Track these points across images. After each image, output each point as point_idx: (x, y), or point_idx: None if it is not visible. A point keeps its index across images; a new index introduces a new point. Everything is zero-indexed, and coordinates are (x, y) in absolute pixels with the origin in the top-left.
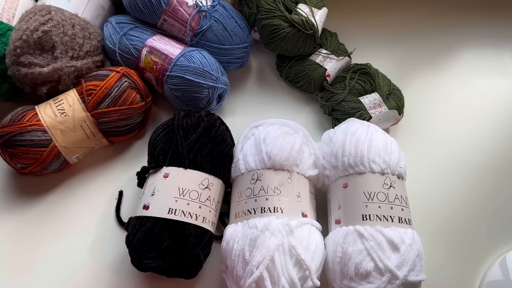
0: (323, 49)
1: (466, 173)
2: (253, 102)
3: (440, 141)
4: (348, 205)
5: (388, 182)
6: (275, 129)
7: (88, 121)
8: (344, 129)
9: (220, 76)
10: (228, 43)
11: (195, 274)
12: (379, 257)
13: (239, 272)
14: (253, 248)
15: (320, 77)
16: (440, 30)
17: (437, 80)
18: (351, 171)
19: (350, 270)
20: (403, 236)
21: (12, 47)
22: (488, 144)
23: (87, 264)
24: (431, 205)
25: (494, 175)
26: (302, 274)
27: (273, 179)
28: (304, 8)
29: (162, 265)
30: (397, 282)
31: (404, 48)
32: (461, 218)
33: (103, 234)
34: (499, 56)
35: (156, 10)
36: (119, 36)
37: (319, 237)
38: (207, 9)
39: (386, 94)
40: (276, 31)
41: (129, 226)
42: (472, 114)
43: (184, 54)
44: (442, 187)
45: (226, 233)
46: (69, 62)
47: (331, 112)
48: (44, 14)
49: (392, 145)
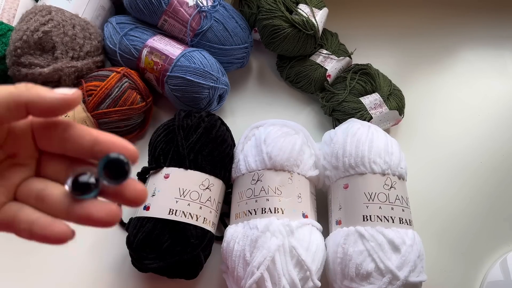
0: (323, 49)
1: (466, 173)
2: (254, 102)
3: (441, 141)
4: (349, 205)
5: (389, 182)
6: (275, 130)
7: (89, 121)
8: (345, 129)
9: (221, 77)
10: (229, 44)
11: (195, 274)
12: (379, 257)
13: (239, 272)
14: (254, 248)
15: (321, 77)
16: (441, 30)
17: (438, 80)
18: (352, 171)
19: (350, 270)
20: (404, 236)
21: (13, 48)
22: (489, 144)
23: (88, 265)
24: (431, 205)
25: (495, 175)
26: (302, 275)
27: (274, 180)
28: (305, 8)
29: (163, 265)
30: (398, 283)
31: (404, 48)
32: (461, 218)
33: (103, 234)
34: (499, 56)
35: (156, 11)
36: (119, 36)
37: (320, 238)
38: (208, 10)
39: (387, 94)
40: (277, 31)
41: (129, 227)
42: (472, 114)
43: (185, 54)
44: (443, 187)
45: (226, 233)
46: (69, 63)
47: (332, 112)
48: (44, 15)
49: (393, 146)
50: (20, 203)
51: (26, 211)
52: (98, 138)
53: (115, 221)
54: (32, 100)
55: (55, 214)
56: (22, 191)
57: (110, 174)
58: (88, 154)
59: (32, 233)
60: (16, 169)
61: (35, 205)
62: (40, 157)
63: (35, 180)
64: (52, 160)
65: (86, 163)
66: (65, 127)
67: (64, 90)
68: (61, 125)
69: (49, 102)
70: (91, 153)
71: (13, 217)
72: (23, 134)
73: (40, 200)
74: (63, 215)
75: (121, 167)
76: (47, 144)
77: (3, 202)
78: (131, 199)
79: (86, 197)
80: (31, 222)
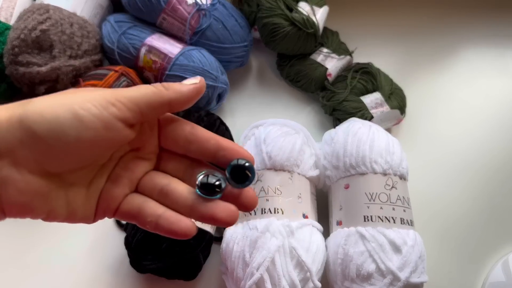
0: (324, 48)
1: (468, 173)
2: (253, 101)
3: (442, 141)
4: (350, 206)
5: (390, 182)
6: (275, 129)
7: None
8: (346, 129)
9: (220, 75)
10: (228, 42)
11: (194, 275)
12: (380, 258)
13: (239, 273)
14: (253, 249)
15: (321, 76)
16: (442, 29)
17: (439, 79)
18: (353, 171)
19: (351, 271)
20: (405, 237)
21: (10, 46)
22: (490, 144)
23: (86, 266)
24: (433, 205)
25: (497, 175)
26: (303, 275)
27: (274, 180)
28: (305, 6)
29: (161, 266)
30: (399, 284)
31: (405, 47)
32: (463, 218)
33: (101, 235)
34: (501, 55)
35: (155, 9)
36: (117, 35)
37: (320, 239)
38: (207, 8)
39: (388, 93)
40: (277, 29)
41: (128, 227)
42: (474, 113)
43: (184, 53)
44: (444, 187)
45: (226, 234)
46: (67, 61)
47: (332, 111)
48: (42, 13)
49: (394, 145)
50: (143, 196)
51: (151, 204)
52: (221, 143)
53: (234, 222)
54: (174, 98)
55: (179, 210)
56: (146, 184)
57: (235, 179)
58: (211, 157)
59: (158, 226)
60: (139, 162)
61: (157, 199)
62: (160, 153)
63: (159, 174)
64: (172, 158)
65: (206, 165)
66: (192, 129)
67: (192, 80)
68: (188, 126)
69: (186, 95)
70: (214, 157)
71: (138, 208)
72: (151, 129)
73: (164, 194)
74: (187, 211)
75: (247, 172)
76: (172, 143)
77: (126, 194)
78: (246, 204)
79: (213, 197)
80: (157, 216)
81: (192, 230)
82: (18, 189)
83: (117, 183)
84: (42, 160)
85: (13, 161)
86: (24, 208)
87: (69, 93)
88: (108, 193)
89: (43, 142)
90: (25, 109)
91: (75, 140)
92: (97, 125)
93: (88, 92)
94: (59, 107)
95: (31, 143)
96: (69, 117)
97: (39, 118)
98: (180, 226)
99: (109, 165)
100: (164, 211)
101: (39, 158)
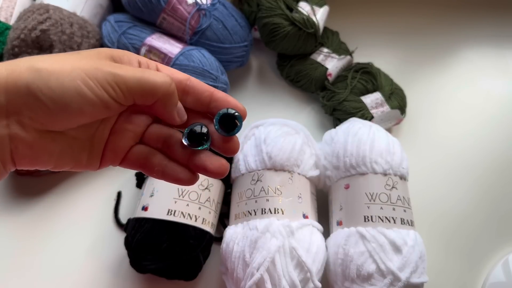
0: (324, 48)
1: (468, 173)
2: (254, 101)
3: (442, 141)
4: (350, 206)
5: (390, 183)
6: (275, 129)
7: None
8: (346, 129)
9: (220, 75)
10: (228, 42)
11: (194, 276)
12: (381, 258)
13: (239, 274)
14: (254, 249)
15: (321, 76)
16: (443, 29)
17: (440, 79)
18: (353, 171)
19: (351, 272)
20: (405, 237)
21: (10, 46)
22: (490, 144)
23: (86, 266)
24: (433, 206)
25: (497, 176)
26: (303, 276)
27: (274, 180)
28: (305, 6)
29: (161, 266)
30: (399, 284)
31: (406, 47)
32: (463, 219)
33: (101, 235)
34: (501, 55)
35: (155, 9)
36: (117, 34)
37: (321, 239)
38: (207, 8)
39: (388, 93)
40: (277, 29)
41: (128, 228)
42: (474, 113)
43: (184, 53)
44: (445, 187)
45: (226, 234)
46: None
47: (333, 111)
48: (42, 13)
49: (394, 145)
50: (148, 147)
51: (157, 156)
52: (214, 94)
53: (225, 173)
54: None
55: (179, 160)
56: (151, 135)
57: (224, 127)
58: (205, 108)
59: (165, 174)
60: (140, 115)
61: (161, 149)
62: None
63: (161, 126)
64: None
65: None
66: (188, 80)
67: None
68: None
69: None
70: (207, 108)
71: (145, 159)
72: None
73: (167, 145)
74: (185, 162)
75: (235, 121)
76: None
77: (131, 145)
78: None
79: (200, 148)
80: (164, 165)
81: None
82: (26, 144)
83: (121, 135)
84: (45, 122)
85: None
86: (33, 160)
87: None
88: (113, 143)
89: (47, 108)
90: (34, 77)
91: (77, 111)
92: (97, 103)
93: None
94: (66, 80)
95: (36, 108)
96: (74, 93)
97: (47, 90)
98: (185, 174)
99: (111, 119)
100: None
101: (42, 120)
